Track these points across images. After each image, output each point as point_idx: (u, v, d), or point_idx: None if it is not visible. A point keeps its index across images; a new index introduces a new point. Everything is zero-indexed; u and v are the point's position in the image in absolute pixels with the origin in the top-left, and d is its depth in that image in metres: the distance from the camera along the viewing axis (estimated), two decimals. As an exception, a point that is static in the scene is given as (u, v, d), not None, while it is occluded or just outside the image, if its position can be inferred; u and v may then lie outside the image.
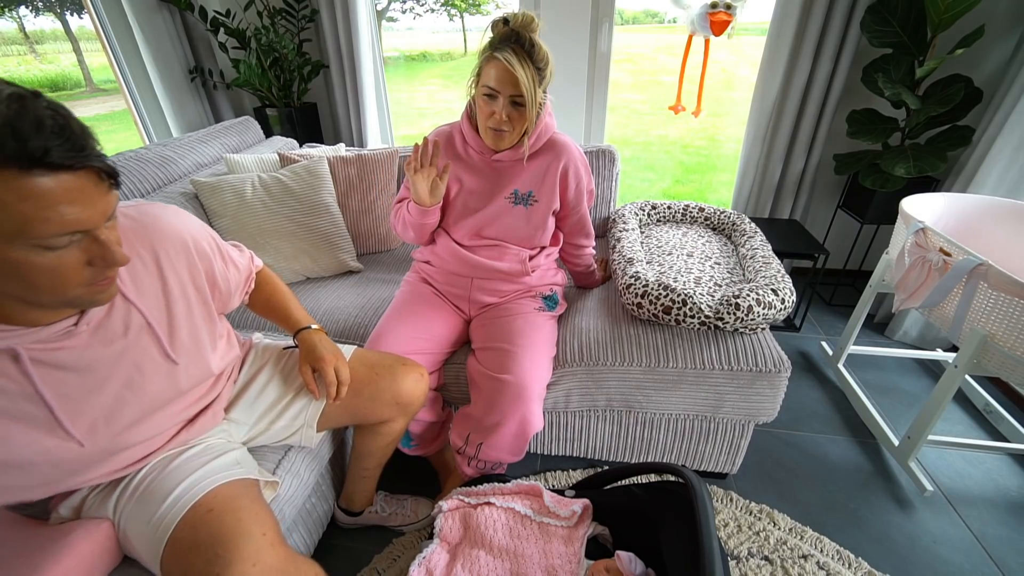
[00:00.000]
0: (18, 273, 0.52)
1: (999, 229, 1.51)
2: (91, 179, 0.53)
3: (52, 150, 0.49)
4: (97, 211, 0.54)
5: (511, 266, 1.29)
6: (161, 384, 0.76)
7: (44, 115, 0.49)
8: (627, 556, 1.01)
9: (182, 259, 0.77)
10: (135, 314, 0.71)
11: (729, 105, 7.65)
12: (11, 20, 7.25)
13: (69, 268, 0.55)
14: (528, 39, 1.03)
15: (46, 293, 0.56)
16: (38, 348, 0.60)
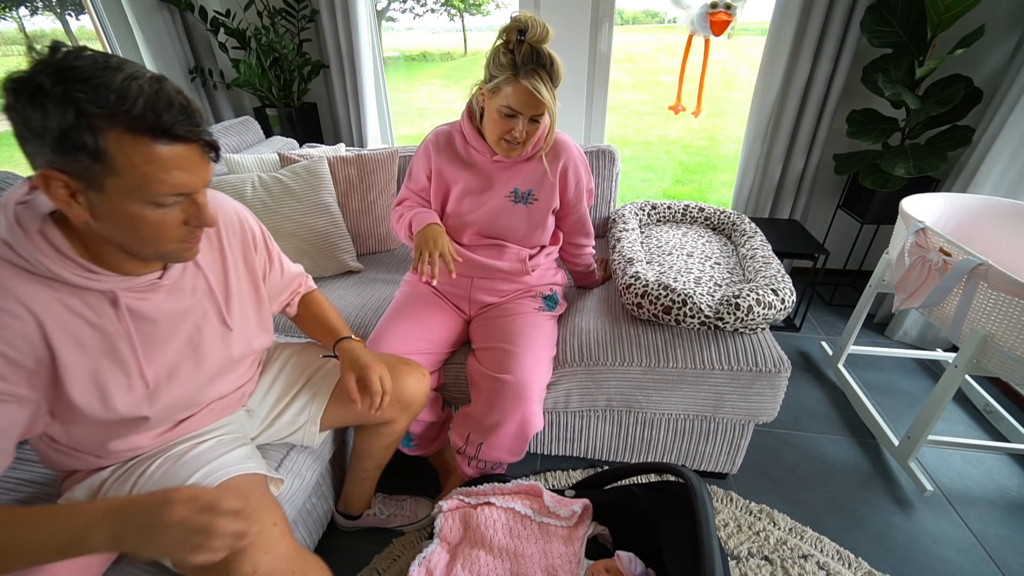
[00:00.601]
0: (131, 224, 0.61)
1: (999, 229, 1.51)
2: (199, 151, 0.62)
3: (177, 124, 0.58)
4: (200, 178, 0.63)
5: (511, 265, 1.29)
6: (216, 347, 0.82)
7: (174, 95, 0.58)
8: (627, 556, 1.01)
9: (238, 240, 0.86)
10: (201, 278, 0.79)
11: (729, 105, 7.65)
12: (11, 20, 7.26)
13: (170, 224, 0.63)
14: (548, 57, 1.03)
15: (148, 244, 0.64)
16: (129, 295, 0.68)
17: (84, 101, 0.53)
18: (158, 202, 0.61)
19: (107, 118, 0.54)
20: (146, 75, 0.57)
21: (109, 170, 0.56)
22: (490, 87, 1.07)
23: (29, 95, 0.53)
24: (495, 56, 1.06)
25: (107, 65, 0.55)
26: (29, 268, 0.60)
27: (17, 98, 0.53)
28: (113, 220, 0.61)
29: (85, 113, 0.53)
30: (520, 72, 1.02)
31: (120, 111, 0.54)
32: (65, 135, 0.53)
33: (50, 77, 0.53)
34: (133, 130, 0.56)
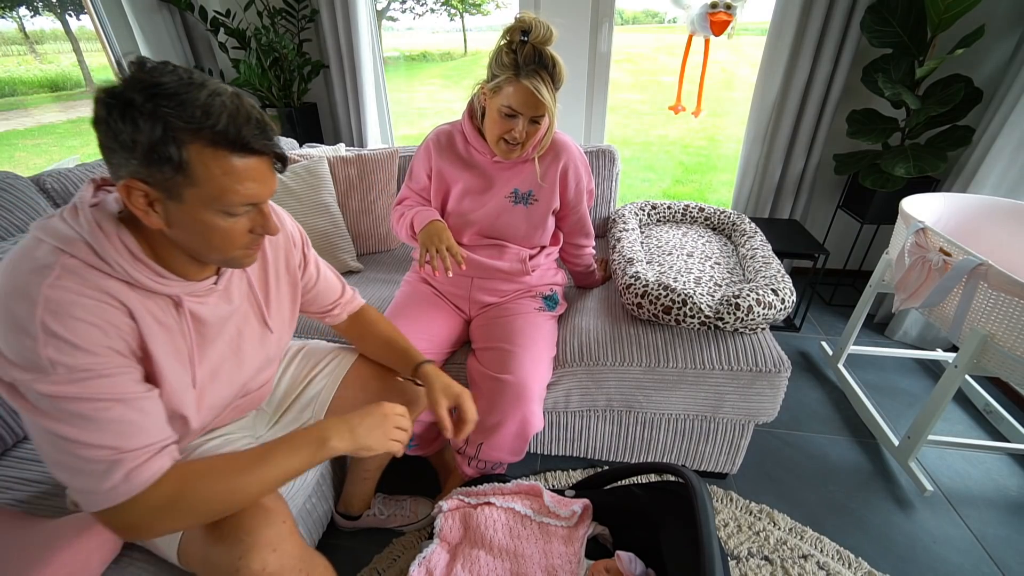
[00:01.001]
0: (203, 232, 0.64)
1: (999, 229, 1.52)
2: (269, 163, 0.65)
3: (254, 139, 0.60)
4: (268, 189, 0.66)
5: (511, 265, 1.29)
6: (255, 348, 0.85)
7: (251, 110, 0.61)
8: (627, 556, 1.01)
9: (281, 247, 0.88)
10: (245, 281, 0.82)
11: (729, 105, 7.65)
12: (11, 20, 7.25)
13: (238, 232, 0.66)
14: (550, 58, 1.03)
15: (216, 251, 0.67)
16: (190, 299, 0.71)
17: (171, 116, 0.56)
18: (230, 211, 0.63)
19: (192, 132, 0.57)
20: (228, 91, 0.60)
21: (189, 181, 0.59)
22: (491, 86, 1.08)
23: (121, 110, 0.55)
24: (498, 56, 1.06)
25: (191, 81, 0.58)
26: (109, 271, 0.62)
27: (110, 112, 0.56)
28: (187, 228, 0.63)
29: (172, 128, 0.56)
30: (522, 72, 1.02)
31: (205, 126, 0.57)
32: (153, 148, 0.56)
33: (141, 93, 0.55)
34: (214, 143, 0.58)
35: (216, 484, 0.67)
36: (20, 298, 0.57)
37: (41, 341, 0.56)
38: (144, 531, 0.65)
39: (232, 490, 0.68)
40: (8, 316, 0.57)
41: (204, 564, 0.73)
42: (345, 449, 0.77)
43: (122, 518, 0.62)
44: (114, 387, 0.61)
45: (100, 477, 0.59)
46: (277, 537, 0.73)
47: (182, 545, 0.75)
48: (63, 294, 0.58)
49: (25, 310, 0.56)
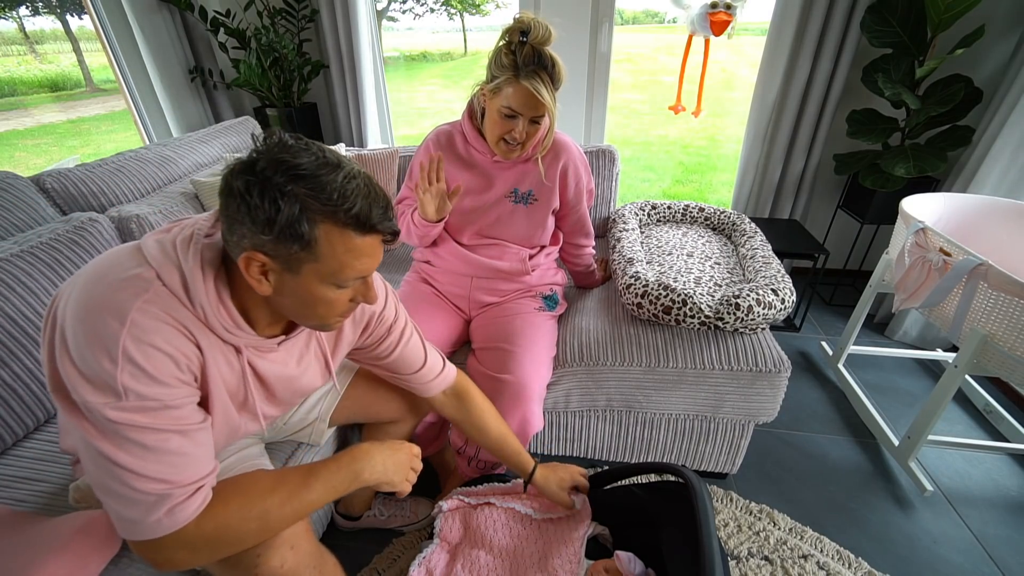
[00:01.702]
0: (310, 302, 0.65)
1: (999, 229, 1.52)
2: (382, 239, 0.66)
3: (380, 221, 0.62)
4: (377, 262, 0.68)
5: (511, 265, 1.29)
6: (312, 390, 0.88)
7: (380, 193, 0.63)
8: (626, 556, 1.01)
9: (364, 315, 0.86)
10: (315, 343, 0.83)
11: (729, 105, 7.65)
12: (11, 20, 7.25)
13: (341, 302, 0.68)
14: (550, 59, 1.03)
15: (316, 318, 0.69)
16: (252, 351, 0.72)
17: (309, 198, 0.57)
18: (341, 284, 0.65)
19: (327, 214, 0.59)
20: (361, 174, 0.62)
21: (312, 257, 0.60)
22: (491, 87, 1.08)
23: (261, 188, 0.56)
24: (497, 56, 1.06)
25: (327, 162, 0.59)
26: (191, 309, 0.63)
27: (248, 189, 0.56)
28: (294, 297, 0.65)
29: (308, 208, 0.57)
30: (521, 73, 1.02)
31: (341, 209, 0.59)
32: (288, 226, 0.57)
33: (282, 174, 0.56)
34: (344, 225, 0.60)
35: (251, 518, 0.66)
36: (111, 314, 0.57)
37: (120, 366, 0.56)
38: (180, 565, 0.64)
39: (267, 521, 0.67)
40: (90, 332, 0.57)
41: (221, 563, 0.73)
42: (373, 483, 0.78)
43: (161, 552, 0.61)
44: (178, 419, 0.61)
45: (147, 509, 0.59)
46: (294, 535, 0.75)
47: None
48: (149, 320, 0.58)
49: (112, 329, 0.56)
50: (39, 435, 1.06)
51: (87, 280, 0.60)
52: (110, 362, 0.56)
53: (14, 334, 1.00)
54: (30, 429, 1.05)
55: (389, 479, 0.79)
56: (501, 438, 1.04)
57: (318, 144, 0.61)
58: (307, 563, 0.76)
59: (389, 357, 0.92)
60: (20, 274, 1.04)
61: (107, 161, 1.51)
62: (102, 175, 1.44)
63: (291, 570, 0.73)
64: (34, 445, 1.03)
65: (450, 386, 1.01)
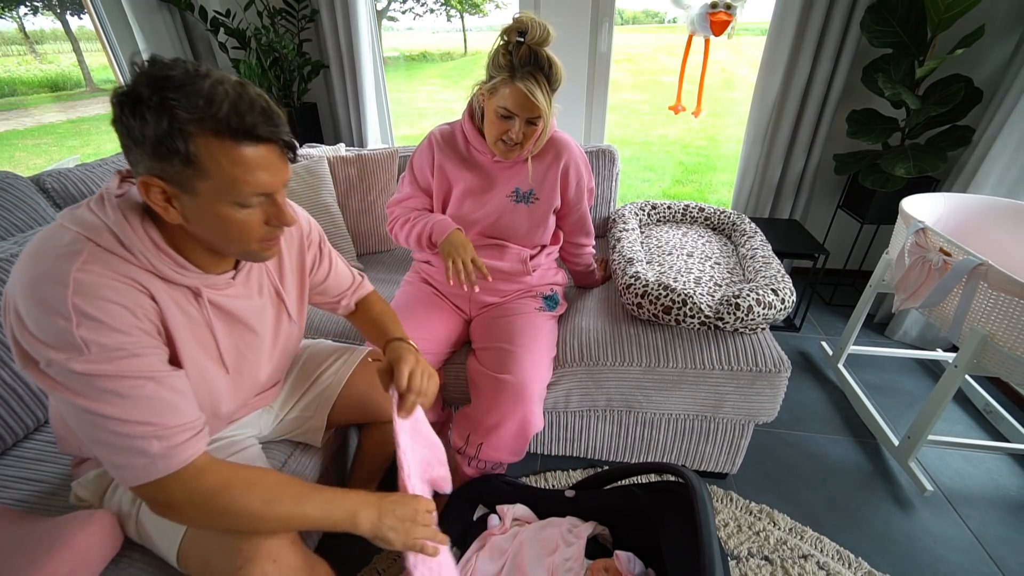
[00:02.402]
0: (220, 225, 0.64)
1: (999, 229, 1.51)
2: (279, 151, 0.64)
3: (259, 126, 0.60)
4: (280, 178, 0.66)
5: (512, 265, 1.29)
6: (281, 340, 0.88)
7: (256, 98, 0.61)
8: (626, 556, 1.01)
9: (295, 243, 0.89)
10: (265, 276, 0.83)
11: (729, 105, 7.65)
12: (11, 20, 7.24)
13: (253, 224, 0.66)
14: (547, 60, 1.03)
15: (234, 243, 0.68)
16: (209, 290, 0.73)
17: (176, 108, 0.56)
18: (243, 203, 0.63)
19: (196, 123, 0.57)
20: (231, 80, 0.60)
21: (199, 174, 0.59)
22: (488, 87, 1.08)
23: (132, 106, 0.56)
24: (495, 57, 1.06)
25: (197, 72, 0.58)
26: (132, 260, 0.64)
27: (122, 110, 0.56)
28: (204, 221, 0.64)
29: (177, 120, 0.56)
30: (517, 74, 1.02)
31: (207, 114, 0.57)
32: (160, 141, 0.57)
33: (148, 87, 0.56)
34: (219, 133, 0.58)
35: (254, 501, 0.67)
36: (50, 282, 0.58)
37: (75, 321, 0.57)
38: (176, 512, 0.66)
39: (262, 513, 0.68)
40: (39, 300, 0.58)
41: (204, 569, 0.73)
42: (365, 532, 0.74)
43: (161, 494, 0.64)
44: (146, 366, 0.63)
45: (139, 451, 0.61)
46: (277, 548, 0.73)
47: (182, 548, 0.75)
48: (92, 277, 0.59)
49: (57, 293, 0.58)
50: (39, 435, 1.06)
51: (24, 263, 0.62)
52: (63, 320, 0.57)
53: (14, 334, 1.00)
54: (30, 429, 1.05)
55: (384, 536, 0.73)
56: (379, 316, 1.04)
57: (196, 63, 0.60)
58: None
59: (327, 280, 0.96)
60: (20, 274, 1.04)
61: (107, 161, 1.51)
62: (102, 175, 1.45)
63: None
64: (34, 445, 1.03)
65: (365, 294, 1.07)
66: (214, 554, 0.72)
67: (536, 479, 1.43)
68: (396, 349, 0.91)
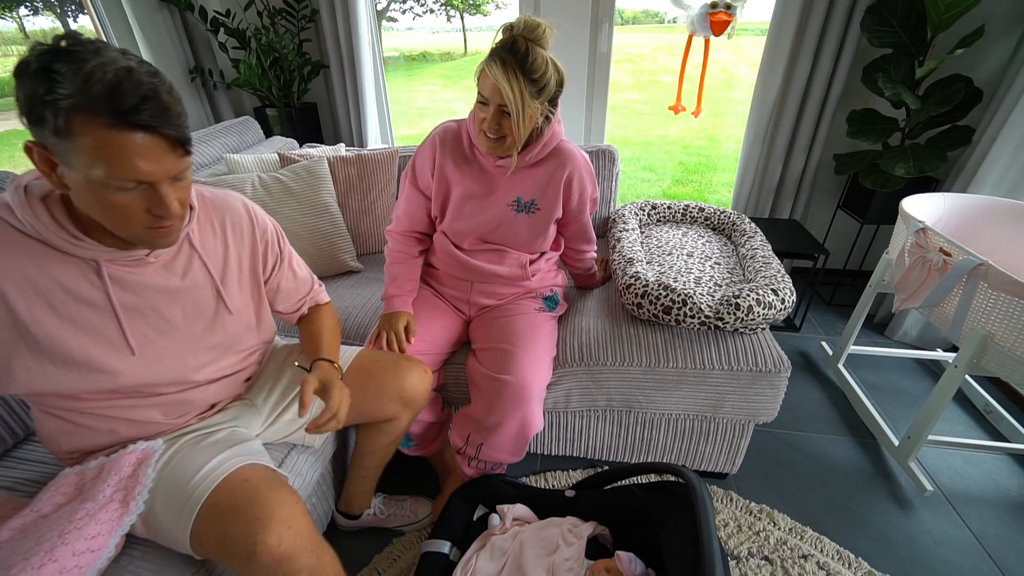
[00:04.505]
0: (97, 202, 0.65)
1: (999, 229, 1.51)
2: (165, 142, 0.63)
3: (136, 112, 0.59)
4: (162, 169, 0.64)
5: (511, 270, 1.28)
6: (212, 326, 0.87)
7: (141, 83, 0.60)
8: (627, 556, 1.01)
9: (246, 238, 0.90)
10: (197, 261, 0.83)
11: (729, 105, 7.65)
12: (11, 20, 7.25)
13: (131, 209, 0.66)
14: (524, 48, 1.00)
15: (118, 225, 0.68)
16: (114, 266, 0.73)
17: (57, 77, 0.56)
18: (117, 185, 0.63)
19: (69, 97, 0.57)
20: (121, 62, 0.59)
21: (73, 148, 0.59)
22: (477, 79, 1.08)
23: (19, 70, 0.58)
24: None
25: (95, 51, 0.58)
26: (20, 228, 0.67)
27: (15, 74, 0.58)
28: (83, 197, 0.65)
29: (53, 91, 0.57)
30: (489, 58, 1.02)
31: (80, 90, 0.57)
32: (32, 107, 0.58)
33: (39, 56, 0.57)
34: (92, 112, 0.58)
35: None
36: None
37: None
38: None
39: None
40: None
41: (220, 543, 0.74)
42: None
43: None
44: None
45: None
46: (292, 515, 0.76)
47: (196, 527, 0.75)
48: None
49: None
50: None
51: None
52: None
53: (14, 334, 1.00)
54: (30, 430, 1.05)
55: None
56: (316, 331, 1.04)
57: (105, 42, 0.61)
58: (305, 545, 0.76)
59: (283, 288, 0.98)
60: (20, 274, 1.04)
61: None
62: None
63: (289, 549, 0.73)
64: (34, 446, 1.03)
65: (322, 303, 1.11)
66: (231, 526, 0.73)
67: (536, 479, 1.43)
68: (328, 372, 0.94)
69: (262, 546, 0.71)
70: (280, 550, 0.72)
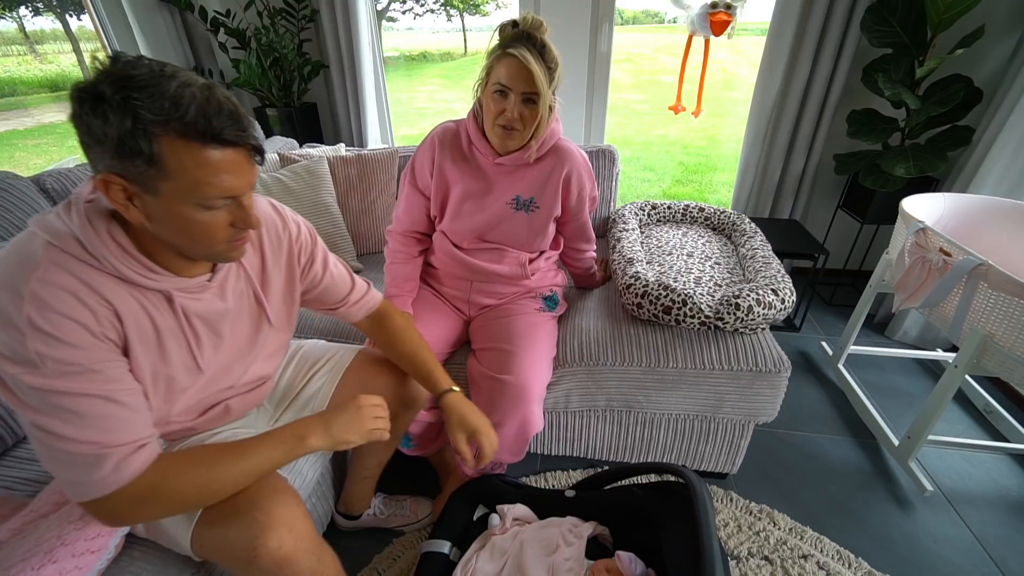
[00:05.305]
0: (183, 226, 0.64)
1: (999, 229, 1.51)
2: (246, 155, 0.64)
3: (226, 129, 0.60)
4: (246, 181, 0.65)
5: (511, 270, 1.28)
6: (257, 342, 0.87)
7: (223, 101, 0.60)
8: (627, 556, 1.01)
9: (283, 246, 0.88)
10: (243, 278, 0.83)
11: (729, 105, 7.65)
12: (11, 20, 7.23)
13: (218, 226, 0.66)
14: (539, 40, 1.03)
15: (198, 245, 0.67)
16: (182, 294, 0.72)
17: (141, 108, 0.55)
18: (207, 204, 0.63)
19: (161, 124, 0.57)
20: (198, 82, 0.60)
21: (162, 174, 0.59)
22: (484, 73, 1.08)
23: (92, 104, 0.55)
24: (490, 48, 1.07)
25: (163, 73, 0.58)
26: (98, 266, 0.63)
27: (82, 106, 0.56)
28: (166, 222, 0.63)
29: (142, 120, 0.56)
30: (509, 47, 1.02)
31: (174, 117, 0.57)
32: (123, 141, 0.56)
33: (111, 86, 0.55)
34: (185, 135, 0.58)
35: (194, 475, 0.69)
36: (8, 292, 0.58)
37: (28, 335, 0.57)
38: (127, 518, 0.68)
39: (208, 480, 0.70)
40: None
41: (220, 546, 0.74)
42: (324, 446, 0.80)
43: (106, 507, 0.64)
44: (100, 382, 0.62)
45: (88, 469, 0.61)
46: (293, 518, 0.75)
47: (196, 529, 0.75)
48: (50, 289, 0.59)
49: (13, 304, 0.58)
50: (39, 435, 1.06)
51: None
52: (18, 333, 0.57)
53: (14, 334, 1.00)
54: (30, 429, 1.05)
55: (343, 439, 0.82)
56: (414, 356, 1.04)
57: (160, 62, 0.59)
58: (306, 548, 0.76)
59: (320, 286, 0.95)
60: (20, 274, 1.04)
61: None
62: (102, 175, 1.44)
63: (290, 552, 0.73)
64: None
65: (376, 309, 1.05)
66: (231, 529, 0.73)
67: (536, 479, 1.43)
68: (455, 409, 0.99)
69: (263, 549, 0.71)
70: (281, 553, 0.72)
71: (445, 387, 1.02)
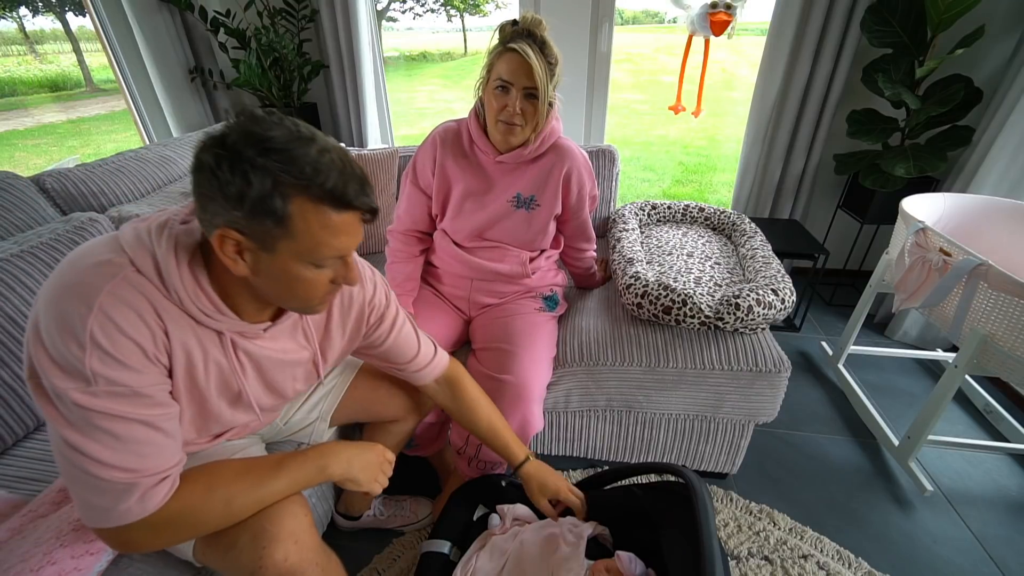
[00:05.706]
0: (289, 282, 0.64)
1: (999, 229, 1.51)
2: (360, 216, 0.64)
3: (356, 196, 0.61)
4: (357, 241, 0.66)
5: (511, 268, 1.29)
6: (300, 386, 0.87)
7: (357, 167, 0.62)
8: (627, 556, 1.01)
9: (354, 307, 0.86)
10: (303, 335, 0.82)
11: (729, 105, 7.65)
12: (11, 20, 7.25)
13: (321, 283, 0.66)
14: (539, 36, 1.04)
15: (296, 299, 0.68)
16: (238, 336, 0.72)
17: (281, 171, 0.56)
18: (319, 263, 0.64)
19: (301, 188, 0.57)
20: (335, 147, 0.60)
21: (286, 234, 0.59)
22: (485, 71, 1.10)
23: (231, 162, 0.55)
24: (490, 47, 1.08)
25: (299, 136, 0.58)
26: (165, 293, 0.62)
27: (219, 163, 0.55)
28: (272, 277, 0.63)
29: (282, 183, 0.56)
30: (511, 42, 1.04)
31: (315, 183, 0.57)
32: (261, 201, 0.56)
33: (252, 147, 0.55)
34: (320, 200, 0.58)
35: (213, 504, 0.68)
36: (79, 299, 0.57)
37: (88, 351, 0.56)
38: (142, 547, 0.66)
39: (228, 512, 0.69)
40: (62, 315, 0.57)
41: (225, 556, 0.73)
42: (338, 478, 0.81)
43: (122, 536, 0.63)
44: (146, 407, 0.61)
45: (115, 497, 0.60)
46: (299, 529, 0.74)
47: (199, 540, 0.75)
48: (117, 306, 0.58)
49: (80, 316, 0.56)
50: (39, 435, 1.06)
51: (62, 266, 0.61)
52: (78, 347, 0.56)
53: (14, 334, 1.00)
54: (30, 429, 1.05)
55: (355, 477, 0.81)
56: (491, 429, 1.04)
57: (291, 118, 0.59)
58: (311, 559, 0.75)
59: (383, 346, 0.93)
60: (20, 274, 1.04)
61: (107, 161, 1.51)
62: (102, 175, 1.44)
63: (295, 564, 0.72)
64: (34, 445, 1.03)
65: (442, 374, 1.02)
66: (238, 536, 0.72)
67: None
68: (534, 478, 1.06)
69: (268, 560, 0.70)
70: (286, 565, 0.71)
71: (522, 457, 1.06)
